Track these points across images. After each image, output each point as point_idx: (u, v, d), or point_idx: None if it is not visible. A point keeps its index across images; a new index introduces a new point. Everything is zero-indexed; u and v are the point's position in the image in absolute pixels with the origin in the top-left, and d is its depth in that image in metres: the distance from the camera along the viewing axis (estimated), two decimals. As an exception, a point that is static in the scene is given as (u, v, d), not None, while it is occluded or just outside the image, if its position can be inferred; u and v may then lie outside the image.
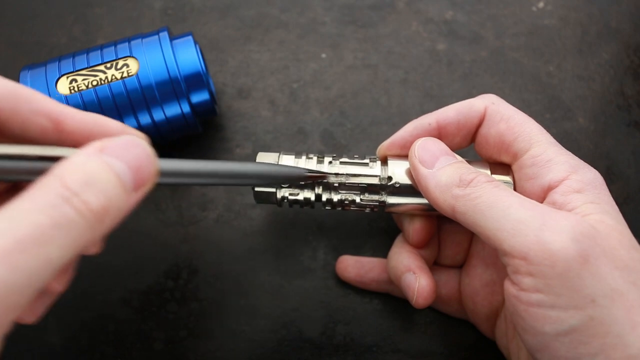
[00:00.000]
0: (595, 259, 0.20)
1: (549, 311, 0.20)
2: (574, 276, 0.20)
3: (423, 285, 0.27)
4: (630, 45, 0.37)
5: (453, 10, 0.37)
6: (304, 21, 0.37)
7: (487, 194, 0.22)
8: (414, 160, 0.26)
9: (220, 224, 0.33)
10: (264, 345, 0.31)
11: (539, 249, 0.20)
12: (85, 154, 0.17)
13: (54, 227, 0.15)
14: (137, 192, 0.18)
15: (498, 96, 0.28)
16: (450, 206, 0.24)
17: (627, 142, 0.35)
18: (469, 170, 0.24)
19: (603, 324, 0.20)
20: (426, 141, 0.26)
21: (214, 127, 0.35)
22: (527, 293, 0.21)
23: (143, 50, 0.30)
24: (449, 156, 0.25)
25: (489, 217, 0.22)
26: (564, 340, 0.20)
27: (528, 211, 0.21)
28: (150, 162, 0.19)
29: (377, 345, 0.31)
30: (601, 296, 0.20)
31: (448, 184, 0.24)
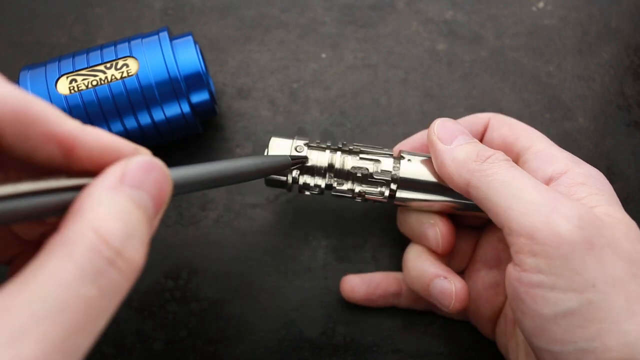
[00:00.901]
0: (600, 247, 0.20)
1: (549, 292, 0.21)
2: (577, 259, 0.20)
3: (459, 288, 0.27)
4: (630, 45, 0.37)
5: (453, 10, 0.37)
6: (304, 21, 0.37)
7: (503, 171, 0.23)
8: (433, 137, 0.27)
9: (220, 224, 0.33)
10: (264, 345, 0.31)
11: (547, 229, 0.21)
12: (108, 187, 0.16)
13: (103, 299, 0.14)
14: (157, 217, 0.18)
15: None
16: (465, 181, 0.24)
17: (627, 142, 0.35)
18: (487, 148, 0.25)
19: (601, 309, 0.20)
20: (445, 120, 0.27)
21: (214, 127, 0.35)
22: (529, 274, 0.21)
23: (143, 50, 0.30)
24: (466, 136, 0.26)
25: (502, 194, 0.22)
26: (561, 323, 0.20)
27: (541, 194, 0.22)
28: (168, 183, 0.18)
29: (377, 345, 0.31)
30: (602, 282, 0.20)
31: (465, 159, 0.25)
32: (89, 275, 0.14)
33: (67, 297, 0.14)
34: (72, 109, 0.29)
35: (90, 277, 0.14)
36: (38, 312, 0.13)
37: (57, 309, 0.13)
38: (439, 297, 0.27)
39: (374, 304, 0.31)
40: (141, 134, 0.30)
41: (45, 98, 0.29)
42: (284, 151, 0.28)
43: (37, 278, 0.14)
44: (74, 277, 0.14)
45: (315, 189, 0.29)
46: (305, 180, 0.29)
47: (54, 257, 0.14)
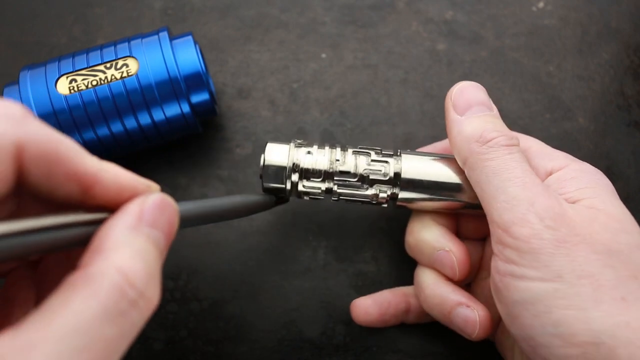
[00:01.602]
0: (573, 244, 0.22)
1: (519, 281, 0.22)
2: (546, 254, 0.21)
3: (483, 316, 0.26)
4: (630, 45, 0.37)
5: (453, 10, 0.37)
6: (304, 21, 0.37)
7: (498, 159, 0.24)
8: (448, 103, 0.27)
9: (220, 224, 0.33)
10: (264, 345, 0.31)
11: (521, 225, 0.22)
12: (129, 227, 0.17)
13: (122, 338, 0.15)
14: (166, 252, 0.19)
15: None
16: (464, 158, 0.25)
17: (627, 142, 0.35)
18: (495, 127, 0.25)
19: (566, 297, 0.21)
20: (466, 86, 0.27)
21: (214, 127, 0.35)
22: (504, 263, 0.23)
23: (143, 50, 0.30)
24: (482, 106, 0.26)
25: (490, 183, 0.23)
26: (529, 308, 0.22)
27: (524, 190, 0.23)
28: (177, 220, 0.19)
29: (377, 345, 0.31)
30: (569, 273, 0.21)
31: (469, 136, 0.25)
32: (112, 316, 0.15)
33: (90, 337, 0.14)
34: (72, 109, 0.29)
35: (114, 317, 0.15)
36: (63, 351, 0.13)
37: (81, 349, 0.14)
38: (462, 326, 0.27)
39: (386, 324, 0.30)
40: (141, 134, 0.30)
41: (45, 98, 0.29)
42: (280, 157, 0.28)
43: (62, 315, 0.14)
44: (98, 317, 0.14)
45: (316, 195, 0.28)
46: (305, 185, 0.28)
47: (79, 295, 0.14)
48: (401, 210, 0.29)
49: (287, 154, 0.27)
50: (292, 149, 0.28)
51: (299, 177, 0.28)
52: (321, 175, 0.28)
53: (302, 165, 0.27)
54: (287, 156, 0.27)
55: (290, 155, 0.27)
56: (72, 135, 0.29)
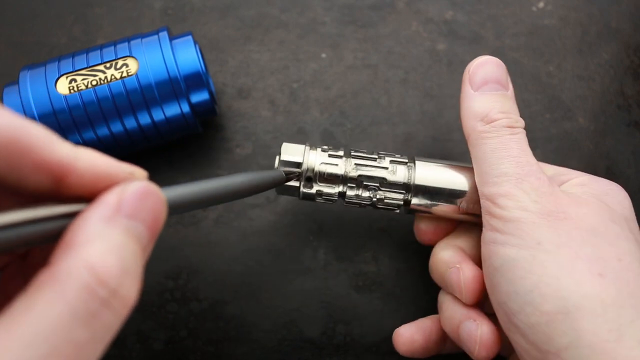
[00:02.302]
0: (556, 219, 0.22)
1: (500, 247, 0.23)
2: (529, 224, 0.22)
3: (486, 333, 0.25)
4: (630, 45, 0.37)
5: (453, 10, 0.37)
6: (304, 21, 0.37)
7: (497, 138, 0.25)
8: (465, 76, 0.27)
9: (221, 224, 0.33)
10: (264, 345, 0.31)
11: (508, 197, 0.23)
12: (103, 219, 0.15)
13: (94, 342, 0.14)
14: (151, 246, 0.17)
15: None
16: (468, 133, 0.26)
17: (627, 142, 0.35)
18: (502, 108, 0.25)
19: (542, 264, 0.22)
20: (485, 61, 0.27)
21: (214, 127, 0.35)
22: (489, 232, 0.24)
23: (143, 50, 0.30)
24: (497, 84, 0.26)
25: (486, 159, 0.25)
26: (506, 274, 0.22)
27: (516, 167, 0.24)
28: (164, 210, 0.17)
29: (377, 345, 0.31)
30: (549, 242, 0.22)
31: (475, 113, 0.26)
32: (81, 318, 0.13)
33: (57, 343, 0.13)
34: (72, 109, 0.29)
35: (83, 320, 0.13)
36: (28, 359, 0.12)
37: (48, 355, 0.13)
38: (466, 342, 0.25)
39: (428, 354, 0.29)
40: (141, 134, 0.30)
41: (45, 98, 0.29)
42: (297, 157, 0.27)
43: (26, 319, 0.13)
44: (66, 320, 0.13)
45: (329, 197, 0.28)
46: (318, 188, 0.28)
47: (44, 297, 0.13)
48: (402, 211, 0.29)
49: (302, 154, 0.28)
50: (307, 150, 0.28)
51: (313, 179, 0.28)
52: (335, 179, 0.28)
53: (317, 167, 0.27)
54: (302, 156, 0.28)
55: (305, 156, 0.28)
56: (72, 136, 0.29)
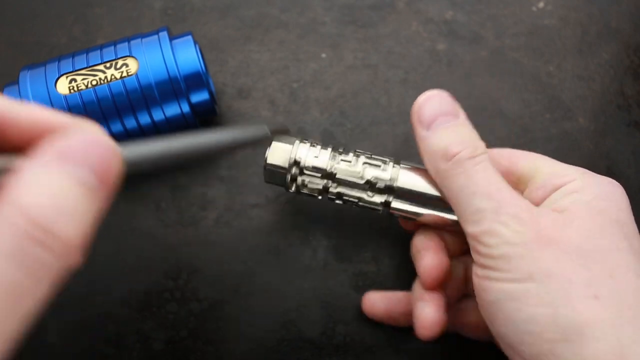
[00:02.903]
0: (541, 244, 0.22)
1: (494, 283, 0.23)
2: (517, 256, 0.22)
3: (425, 314, 0.27)
4: (630, 45, 0.37)
5: (453, 10, 0.37)
6: (304, 21, 0.37)
7: (463, 174, 0.24)
8: (413, 118, 0.27)
9: (220, 224, 0.33)
10: (264, 345, 0.31)
11: (490, 235, 0.23)
12: (42, 165, 0.14)
13: (28, 278, 0.13)
14: (105, 196, 0.16)
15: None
16: (433, 175, 0.26)
17: (627, 142, 0.35)
18: (459, 138, 0.25)
19: (536, 295, 0.21)
20: (429, 97, 0.26)
21: (214, 127, 0.35)
22: (480, 268, 0.23)
23: (142, 50, 0.30)
24: (448, 116, 0.26)
25: (458, 198, 0.24)
26: (502, 307, 0.22)
27: (488, 200, 0.23)
28: (115, 158, 0.16)
29: (377, 345, 0.31)
30: (539, 273, 0.22)
31: (435, 153, 0.25)
32: (14, 258, 0.13)
33: None
34: (72, 108, 0.29)
35: (17, 260, 0.13)
36: None
37: None
38: (414, 319, 0.27)
39: (397, 323, 0.31)
40: (141, 134, 0.30)
41: (45, 98, 0.29)
42: (284, 157, 0.28)
43: None
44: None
45: (314, 192, 0.29)
46: (304, 180, 0.28)
47: None
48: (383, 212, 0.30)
49: (289, 152, 0.28)
50: (295, 146, 0.28)
51: (299, 172, 0.28)
52: (321, 173, 0.28)
53: (303, 161, 0.28)
54: (290, 152, 0.28)
55: (293, 151, 0.28)
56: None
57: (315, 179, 0.28)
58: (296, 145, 0.28)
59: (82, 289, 0.32)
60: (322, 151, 0.28)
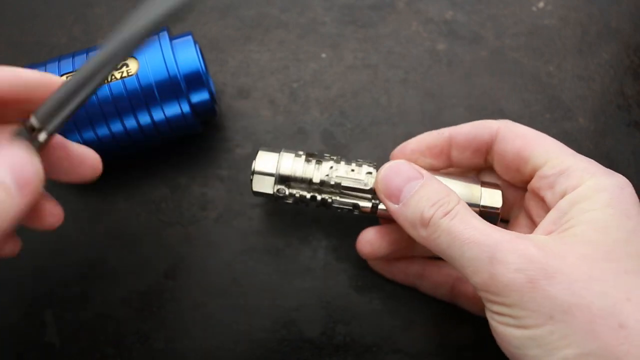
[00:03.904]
0: (546, 279, 0.21)
1: (514, 330, 0.22)
2: (528, 300, 0.21)
3: (368, 232, 0.29)
4: (630, 45, 0.37)
5: (453, 10, 0.37)
6: (304, 21, 0.37)
7: (444, 233, 0.24)
8: (380, 195, 0.27)
9: (220, 223, 0.33)
10: (264, 345, 0.31)
11: (493, 283, 0.22)
12: None
13: None
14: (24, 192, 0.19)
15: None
16: (421, 243, 0.25)
17: (627, 142, 0.35)
18: (430, 200, 0.25)
19: (563, 336, 0.21)
20: (388, 171, 0.27)
21: (214, 127, 0.35)
22: (496, 316, 0.23)
23: (143, 50, 0.30)
24: (412, 182, 0.26)
25: (451, 256, 0.24)
26: (529, 353, 0.22)
27: (479, 247, 0.23)
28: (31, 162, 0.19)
29: (377, 345, 0.31)
30: (559, 312, 0.21)
31: (412, 224, 0.25)
32: None
33: None
34: (72, 108, 0.29)
35: None
36: None
37: None
38: None
39: (391, 275, 0.32)
40: (141, 134, 0.30)
41: (45, 98, 0.29)
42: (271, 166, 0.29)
43: None
44: None
45: (299, 201, 0.29)
46: (291, 191, 0.29)
47: None
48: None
49: (276, 163, 0.29)
50: (281, 157, 0.29)
51: (285, 184, 0.29)
52: (306, 183, 0.29)
53: (289, 173, 0.29)
54: (276, 165, 0.29)
55: (279, 163, 0.29)
56: (72, 135, 0.29)
57: (301, 189, 0.29)
58: (281, 155, 0.29)
59: (82, 289, 0.32)
60: (306, 163, 0.29)
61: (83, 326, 0.32)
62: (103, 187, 0.34)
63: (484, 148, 0.28)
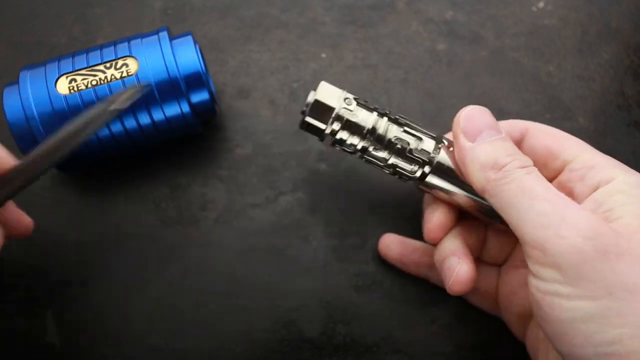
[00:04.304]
0: (615, 254, 0.21)
1: (566, 301, 0.21)
2: (590, 268, 0.21)
3: (464, 271, 0.27)
4: (630, 45, 0.37)
5: (453, 10, 0.37)
6: (304, 21, 0.37)
7: (516, 181, 0.23)
8: (457, 130, 0.26)
9: (220, 223, 0.33)
10: (264, 345, 0.31)
11: (557, 242, 0.21)
12: None
13: None
14: None
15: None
16: (482, 186, 0.25)
17: (627, 142, 0.35)
18: (507, 151, 0.24)
19: (620, 314, 0.20)
20: (473, 110, 0.26)
21: (214, 127, 0.35)
22: (546, 282, 0.22)
23: (142, 50, 0.30)
24: (492, 130, 0.25)
25: (515, 206, 0.23)
26: (580, 327, 0.21)
27: (551, 205, 0.22)
28: None
29: (377, 345, 0.31)
30: (619, 289, 0.20)
31: (484, 164, 0.24)
32: None
33: None
34: (72, 108, 0.29)
35: None
36: None
37: None
38: (445, 275, 0.27)
39: (406, 268, 0.32)
40: (141, 134, 0.30)
41: (45, 98, 0.29)
42: (332, 99, 0.27)
43: None
44: None
45: (350, 147, 0.28)
46: (343, 137, 0.27)
47: None
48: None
49: (338, 97, 0.27)
50: (343, 96, 0.27)
51: (340, 126, 0.27)
52: (363, 132, 0.27)
53: (348, 116, 0.27)
54: (338, 102, 0.27)
55: (340, 101, 0.27)
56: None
57: (356, 137, 0.27)
58: (343, 96, 0.27)
59: (82, 289, 0.32)
60: (369, 109, 0.27)
61: (83, 326, 0.32)
62: (103, 187, 0.34)
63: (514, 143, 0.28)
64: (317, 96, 0.27)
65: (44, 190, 0.34)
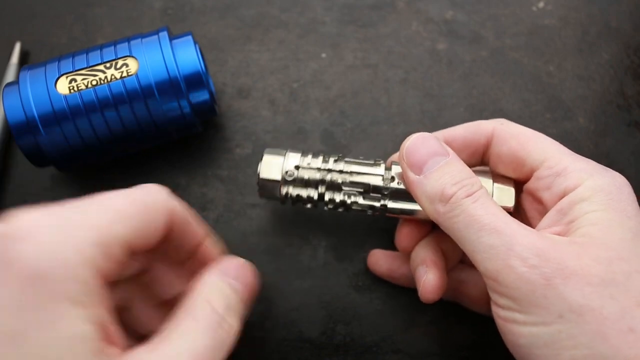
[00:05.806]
0: (562, 278, 0.21)
1: (523, 327, 0.22)
2: (540, 296, 0.21)
3: (429, 280, 0.27)
4: (630, 45, 0.37)
5: (453, 10, 0.37)
6: (304, 21, 0.37)
7: (463, 213, 0.23)
8: (403, 164, 0.26)
9: (220, 224, 0.33)
10: (264, 345, 0.31)
11: (507, 272, 0.22)
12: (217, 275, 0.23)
13: (215, 349, 0.21)
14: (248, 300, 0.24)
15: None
16: (435, 218, 0.25)
17: (627, 142, 0.35)
18: (453, 179, 0.24)
19: (571, 336, 0.21)
20: (415, 140, 0.26)
21: (214, 127, 0.35)
22: (504, 310, 0.22)
23: (142, 50, 0.30)
24: (438, 157, 0.25)
25: (465, 238, 0.23)
26: (537, 352, 0.22)
27: (498, 235, 0.22)
28: (254, 278, 0.25)
29: (377, 345, 0.31)
30: (568, 312, 0.21)
31: (431, 197, 0.24)
32: (205, 328, 0.21)
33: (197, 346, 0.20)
34: (72, 108, 0.29)
35: (208, 332, 0.21)
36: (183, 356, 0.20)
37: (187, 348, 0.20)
38: (417, 283, 0.28)
39: (397, 282, 0.32)
40: (141, 134, 0.30)
41: (45, 98, 0.29)
42: (275, 172, 0.29)
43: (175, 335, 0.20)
44: (199, 332, 0.20)
45: (308, 202, 0.29)
46: (299, 193, 0.29)
47: (183, 320, 0.21)
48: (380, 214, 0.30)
49: (281, 166, 0.29)
50: (287, 155, 0.29)
51: (292, 186, 0.29)
52: (313, 185, 0.29)
53: (295, 175, 0.29)
54: (281, 168, 0.29)
55: (284, 166, 0.29)
56: (71, 135, 0.29)
57: (308, 190, 0.29)
58: (287, 156, 0.29)
59: (82, 289, 0.32)
60: (314, 160, 0.29)
61: (83, 326, 0.31)
62: (103, 187, 0.34)
63: (481, 150, 0.28)
64: (261, 174, 0.29)
65: (44, 190, 0.34)
